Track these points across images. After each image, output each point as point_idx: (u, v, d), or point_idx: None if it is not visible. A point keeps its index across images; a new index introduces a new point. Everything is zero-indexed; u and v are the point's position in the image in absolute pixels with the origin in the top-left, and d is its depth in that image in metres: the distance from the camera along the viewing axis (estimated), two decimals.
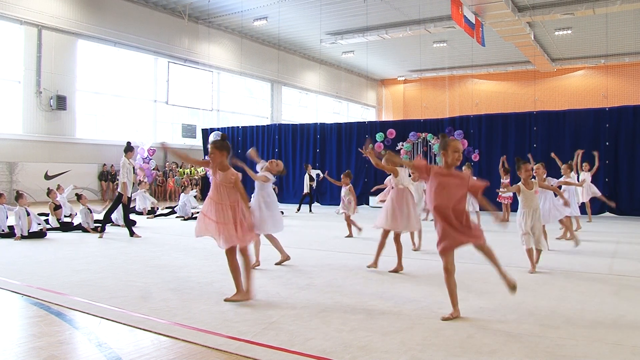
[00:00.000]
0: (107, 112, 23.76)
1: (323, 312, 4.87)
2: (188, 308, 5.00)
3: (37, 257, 8.04)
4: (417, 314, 4.80)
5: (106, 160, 22.36)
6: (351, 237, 10.39)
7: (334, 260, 7.72)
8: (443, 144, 4.76)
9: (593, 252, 8.55)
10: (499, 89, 38.22)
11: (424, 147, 19.26)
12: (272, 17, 26.50)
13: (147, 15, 24.63)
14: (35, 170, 20.14)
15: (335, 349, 3.87)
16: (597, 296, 5.53)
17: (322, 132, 21.12)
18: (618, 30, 27.05)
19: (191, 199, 15.18)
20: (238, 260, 5.34)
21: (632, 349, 3.92)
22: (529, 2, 22.93)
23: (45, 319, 4.73)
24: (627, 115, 15.76)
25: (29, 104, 20.30)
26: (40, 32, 20.52)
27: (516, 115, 17.67)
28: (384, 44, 30.91)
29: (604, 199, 13.42)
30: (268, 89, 33.19)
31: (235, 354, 3.80)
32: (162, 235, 11.03)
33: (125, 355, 3.82)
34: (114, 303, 5.17)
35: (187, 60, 26.93)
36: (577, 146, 16.15)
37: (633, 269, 7.13)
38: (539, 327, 4.43)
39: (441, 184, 4.63)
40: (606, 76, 34.38)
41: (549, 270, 6.97)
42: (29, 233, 10.19)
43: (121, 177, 10.40)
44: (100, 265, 7.32)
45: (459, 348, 3.91)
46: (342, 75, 38.85)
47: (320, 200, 20.53)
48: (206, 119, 28.52)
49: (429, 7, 23.78)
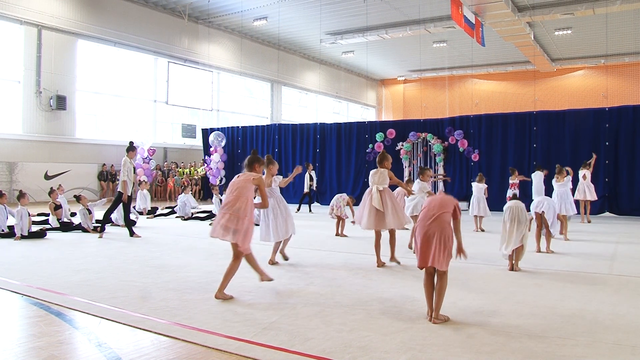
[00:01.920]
0: (107, 112, 23.74)
1: (323, 312, 4.87)
2: (188, 308, 5.00)
3: (37, 257, 8.04)
4: (417, 314, 4.80)
5: (106, 160, 22.35)
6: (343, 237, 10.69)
7: (334, 260, 7.72)
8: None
9: (593, 253, 8.55)
10: (499, 89, 38.21)
11: (423, 147, 19.26)
12: (272, 17, 26.50)
13: (147, 15, 24.63)
14: (35, 170, 20.13)
15: (335, 348, 3.87)
16: (596, 296, 5.53)
17: (322, 132, 21.13)
18: (618, 30, 27.04)
19: (191, 198, 15.18)
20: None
21: (631, 349, 3.93)
22: (528, 2, 22.93)
23: (45, 319, 4.73)
24: (627, 115, 15.77)
25: (29, 104, 20.29)
26: (40, 32, 20.51)
27: (516, 115, 17.68)
28: (383, 44, 30.91)
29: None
30: (268, 88, 33.19)
31: (235, 354, 3.81)
32: (162, 235, 11.03)
33: (125, 355, 3.82)
34: (113, 303, 5.17)
35: (187, 60, 26.92)
36: (577, 146, 16.22)
37: (633, 269, 7.13)
38: (539, 327, 4.44)
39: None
40: (606, 76, 34.38)
41: (549, 270, 6.98)
42: (29, 233, 10.19)
43: (122, 175, 10.41)
44: (100, 265, 7.32)
45: (459, 348, 3.91)
46: (342, 75, 38.85)
47: (320, 200, 20.53)
48: (206, 119, 28.52)
49: (429, 7, 23.77)
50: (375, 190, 7.17)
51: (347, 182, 20.44)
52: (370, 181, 7.33)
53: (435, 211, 4.68)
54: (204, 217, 14.38)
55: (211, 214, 14.28)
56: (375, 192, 7.15)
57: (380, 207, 7.07)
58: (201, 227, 12.55)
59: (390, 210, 7.11)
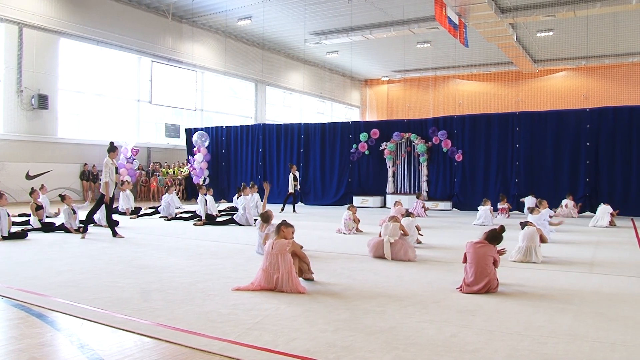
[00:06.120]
0: (90, 111, 23.49)
1: (307, 312, 4.88)
2: (171, 309, 4.98)
3: (19, 258, 7.94)
4: (401, 314, 4.82)
5: (88, 160, 22.11)
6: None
7: (318, 260, 7.72)
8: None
9: (574, 253, 8.66)
10: (482, 90, 38.50)
11: (407, 147, 19.35)
12: (256, 17, 26.43)
13: (130, 14, 24.42)
14: (17, 170, 19.86)
15: (319, 348, 3.88)
16: (577, 295, 5.61)
17: (306, 132, 21.13)
18: (598, 32, 27.40)
19: (175, 198, 15.09)
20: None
21: (611, 346, 3.99)
22: (511, 3, 23.13)
23: (26, 320, 4.68)
24: (608, 116, 15.99)
25: (10, 103, 20.02)
26: (22, 30, 20.24)
27: (499, 116, 17.85)
28: (368, 44, 30.98)
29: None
30: (252, 88, 33.10)
31: (219, 354, 3.80)
32: (146, 235, 10.95)
33: (107, 356, 3.80)
34: (96, 304, 5.13)
35: (170, 60, 26.75)
36: (558, 146, 16.42)
37: (613, 267, 7.24)
38: (521, 326, 4.49)
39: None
40: (587, 77, 34.79)
41: (533, 268, 7.06)
42: (10, 234, 10.06)
43: (103, 176, 10.32)
44: (83, 266, 7.25)
45: (442, 347, 3.94)
46: (326, 75, 38.88)
47: (304, 200, 20.53)
48: (190, 119, 28.37)
49: (413, 7, 23.88)
50: (386, 242, 7.82)
51: (331, 182, 20.47)
52: (383, 232, 8.04)
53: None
54: (188, 217, 14.31)
55: (195, 214, 14.21)
56: (386, 243, 7.82)
57: (389, 258, 7.77)
58: (185, 227, 12.49)
59: (402, 254, 7.80)
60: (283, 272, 5.69)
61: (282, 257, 5.74)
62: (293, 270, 5.78)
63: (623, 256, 8.28)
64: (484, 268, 5.63)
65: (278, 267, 5.72)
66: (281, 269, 5.70)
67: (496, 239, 5.86)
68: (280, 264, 5.72)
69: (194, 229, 12.13)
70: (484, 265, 5.64)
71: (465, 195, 17.82)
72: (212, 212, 13.91)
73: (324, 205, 19.79)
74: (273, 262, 5.76)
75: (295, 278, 5.75)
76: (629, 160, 15.60)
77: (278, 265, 5.73)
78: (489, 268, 5.64)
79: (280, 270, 5.70)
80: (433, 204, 17.94)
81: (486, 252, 5.71)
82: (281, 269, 5.70)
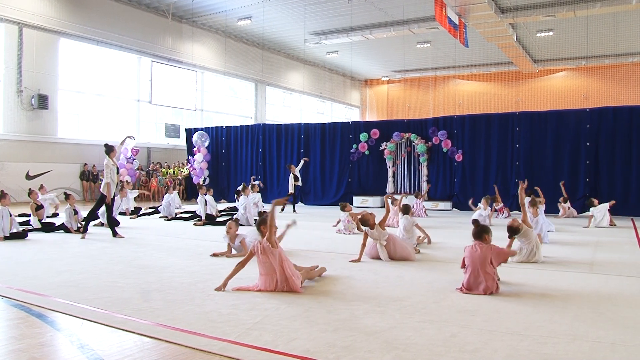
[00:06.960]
0: (90, 111, 23.50)
1: (307, 312, 4.88)
2: (171, 309, 4.98)
3: (19, 258, 7.95)
4: (401, 314, 4.82)
5: (88, 160, 22.10)
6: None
7: (318, 260, 7.72)
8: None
9: (574, 252, 8.66)
10: (482, 90, 38.49)
11: (407, 147, 19.34)
12: (256, 17, 26.43)
13: (130, 14, 24.42)
14: (16, 170, 19.85)
15: (319, 348, 3.88)
16: (577, 295, 5.60)
17: (306, 132, 21.13)
18: (598, 32, 27.39)
19: (176, 198, 15.08)
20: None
21: (611, 346, 3.99)
22: (511, 3, 23.13)
23: (26, 320, 4.68)
24: (607, 116, 15.99)
25: (10, 103, 20.02)
26: (21, 30, 20.24)
27: (499, 116, 17.84)
28: (368, 44, 30.97)
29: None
30: (252, 88, 33.09)
31: (219, 354, 3.80)
32: (146, 235, 10.96)
33: (107, 356, 3.80)
34: (96, 304, 5.13)
35: (170, 60, 26.74)
36: (558, 146, 16.41)
37: (612, 268, 7.24)
38: (521, 326, 4.49)
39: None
40: (587, 77, 34.79)
41: (533, 268, 7.06)
42: (11, 234, 10.06)
43: (105, 177, 10.34)
44: (83, 266, 7.25)
45: (442, 347, 3.94)
46: (326, 75, 38.87)
47: (304, 200, 20.53)
48: (190, 119, 28.36)
49: (413, 7, 23.87)
50: (380, 246, 7.73)
51: (331, 182, 20.47)
52: (373, 239, 7.85)
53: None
54: (188, 217, 14.31)
55: (195, 214, 14.22)
56: (380, 247, 7.72)
57: (387, 260, 7.65)
58: (185, 227, 12.49)
59: (399, 254, 7.74)
60: (279, 271, 5.64)
61: (271, 256, 5.67)
62: (287, 266, 5.69)
63: (623, 256, 8.28)
64: (482, 272, 5.61)
65: (273, 267, 5.67)
66: (277, 267, 5.65)
67: (481, 233, 5.84)
68: (273, 263, 5.66)
69: (194, 229, 12.14)
70: (482, 270, 5.61)
71: (465, 195, 17.78)
72: (212, 212, 13.92)
73: (324, 205, 19.79)
74: (267, 265, 5.71)
75: (292, 276, 5.69)
76: (628, 161, 15.59)
77: (272, 266, 5.67)
78: (488, 270, 5.61)
79: (277, 270, 5.66)
80: (433, 204, 17.94)
81: (483, 255, 5.67)
82: (277, 268, 5.65)
